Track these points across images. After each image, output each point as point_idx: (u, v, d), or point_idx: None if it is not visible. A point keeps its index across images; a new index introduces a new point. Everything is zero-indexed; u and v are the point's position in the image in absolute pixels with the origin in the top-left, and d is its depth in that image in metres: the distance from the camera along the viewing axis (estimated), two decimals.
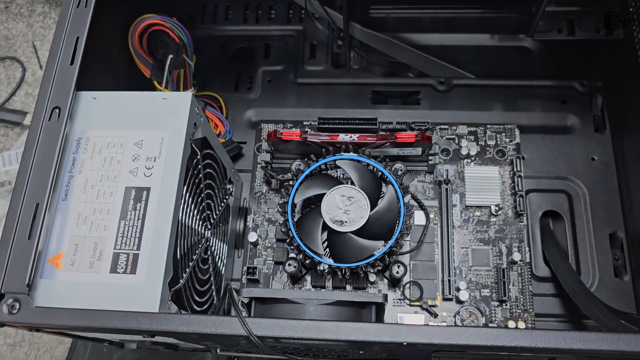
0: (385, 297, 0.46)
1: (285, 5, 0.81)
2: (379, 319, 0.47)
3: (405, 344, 0.41)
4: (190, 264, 0.54)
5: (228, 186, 0.67)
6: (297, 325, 0.42)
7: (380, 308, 0.47)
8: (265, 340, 0.43)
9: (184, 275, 0.52)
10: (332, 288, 0.66)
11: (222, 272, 0.65)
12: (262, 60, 0.80)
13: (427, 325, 0.40)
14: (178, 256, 0.51)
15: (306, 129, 0.73)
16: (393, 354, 0.54)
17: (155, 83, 0.70)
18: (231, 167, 0.68)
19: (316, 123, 0.70)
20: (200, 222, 0.58)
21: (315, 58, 0.79)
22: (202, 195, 0.57)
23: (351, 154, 0.65)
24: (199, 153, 0.55)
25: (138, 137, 0.52)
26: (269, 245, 0.69)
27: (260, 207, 0.71)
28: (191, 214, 0.54)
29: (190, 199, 0.54)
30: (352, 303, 0.46)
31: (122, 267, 0.47)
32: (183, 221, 0.52)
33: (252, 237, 0.69)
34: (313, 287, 0.67)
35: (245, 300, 0.48)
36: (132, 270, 0.47)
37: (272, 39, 0.81)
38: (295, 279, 0.67)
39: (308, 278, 0.67)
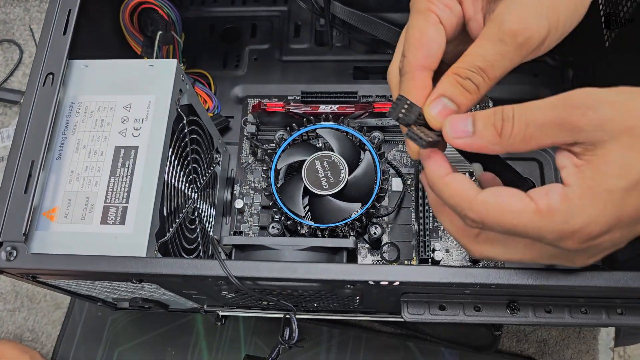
0: (356, 242, 0.49)
1: None
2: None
3: (371, 282, 0.45)
4: (177, 220, 0.58)
5: (215, 155, 0.71)
6: (272, 267, 0.46)
7: (351, 254, 0.50)
8: (244, 282, 0.47)
9: (171, 230, 0.56)
10: None
11: (210, 233, 0.69)
12: (249, 40, 0.83)
13: (401, 265, 0.44)
14: (165, 213, 0.54)
15: (289, 102, 0.76)
16: (367, 301, 0.58)
17: (146, 59, 0.73)
18: (218, 137, 0.71)
19: (300, 97, 0.74)
20: (187, 185, 0.61)
21: (299, 37, 0.83)
22: (189, 158, 0.61)
23: (331, 122, 0.68)
24: (184, 118, 0.59)
25: (127, 101, 0.55)
26: (255, 212, 0.73)
27: (247, 177, 0.75)
28: (177, 175, 0.58)
29: (176, 161, 0.57)
30: (324, 249, 0.50)
31: (112, 219, 0.51)
32: (169, 181, 0.56)
33: (238, 203, 0.72)
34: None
35: (228, 250, 0.52)
36: (122, 222, 0.51)
37: (258, 19, 0.84)
38: None
39: None
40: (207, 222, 0.68)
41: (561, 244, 0.34)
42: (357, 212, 0.65)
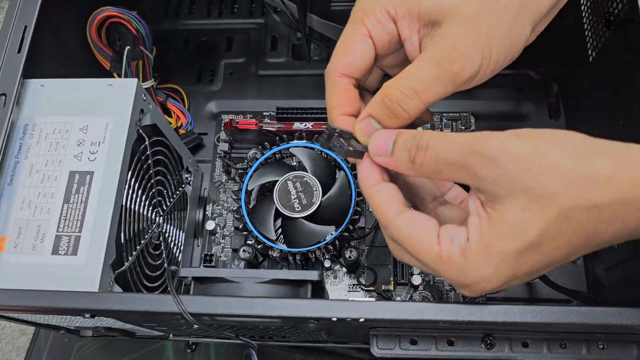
0: (321, 275, 0.47)
1: None
2: (317, 297, 0.48)
3: (334, 319, 0.42)
4: (138, 247, 0.55)
5: (186, 175, 0.68)
6: (230, 302, 0.43)
7: (317, 286, 0.48)
8: (200, 318, 0.44)
9: (130, 258, 0.53)
10: None
11: (179, 259, 0.66)
12: (225, 53, 0.81)
13: (356, 300, 0.41)
14: (122, 240, 0.52)
15: (263, 119, 0.74)
16: (335, 334, 0.55)
17: (115, 75, 0.71)
18: (189, 156, 0.69)
19: (275, 114, 0.71)
20: (151, 208, 0.58)
21: (276, 50, 0.80)
22: (152, 181, 0.58)
23: (304, 141, 0.66)
24: (146, 139, 0.56)
25: (83, 122, 0.53)
26: (227, 233, 0.70)
27: (220, 197, 0.72)
28: (138, 199, 0.55)
29: (137, 184, 0.55)
30: (288, 281, 0.47)
31: (64, 249, 0.48)
32: (128, 206, 0.53)
33: (209, 225, 0.70)
34: None
35: (189, 282, 0.49)
36: (74, 252, 0.48)
37: (234, 32, 0.82)
38: (252, 266, 0.67)
39: (266, 265, 0.68)
40: (175, 247, 0.65)
41: (458, 288, 0.36)
42: (331, 234, 0.62)
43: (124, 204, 0.52)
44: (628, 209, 0.31)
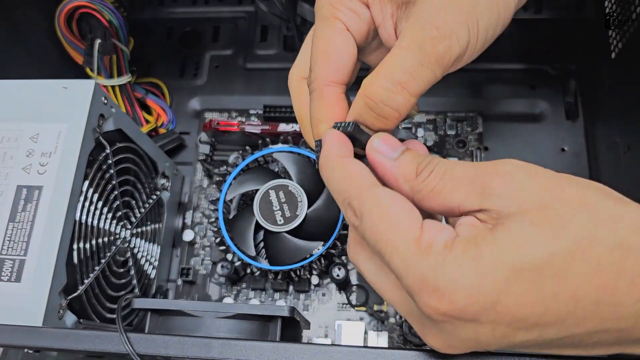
0: (292, 309, 0.41)
1: None
2: (290, 334, 0.42)
3: None
4: (97, 268, 0.49)
5: (162, 181, 0.62)
6: (183, 343, 0.37)
7: (289, 322, 0.42)
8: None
9: (86, 281, 0.48)
10: (272, 291, 0.61)
11: (152, 275, 0.60)
12: (211, 44, 0.74)
13: (327, 345, 0.35)
14: (75, 260, 0.46)
15: (247, 119, 0.68)
16: None
17: (88, 70, 0.65)
18: (165, 160, 0.63)
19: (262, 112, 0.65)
20: (115, 222, 0.53)
21: (266, 41, 0.73)
22: (116, 192, 0.52)
23: (286, 145, 0.59)
24: (107, 147, 0.50)
25: (34, 130, 0.47)
26: (208, 244, 0.64)
27: (201, 203, 0.67)
28: (98, 212, 0.50)
29: (97, 196, 0.49)
30: (255, 317, 0.41)
31: (7, 275, 0.43)
32: (86, 221, 0.47)
33: (187, 235, 0.64)
34: (252, 289, 0.62)
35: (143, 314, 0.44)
36: (17, 278, 0.43)
37: (221, 21, 0.75)
38: (234, 281, 0.62)
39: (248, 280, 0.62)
40: (147, 263, 0.59)
41: (417, 297, 0.27)
42: (318, 250, 0.56)
43: (78, 219, 0.46)
44: None
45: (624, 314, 0.25)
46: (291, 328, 0.43)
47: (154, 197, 0.60)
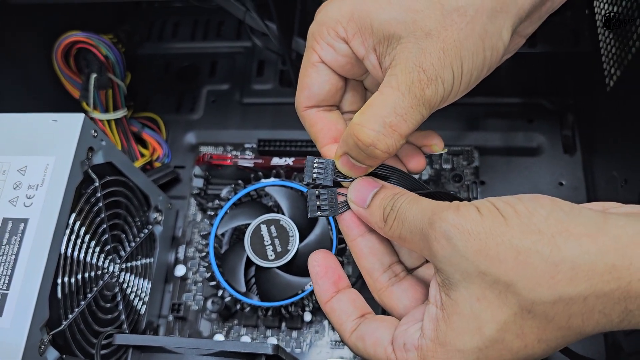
0: (277, 347, 0.40)
1: (235, 20, 0.76)
2: None
3: None
4: (82, 303, 0.48)
5: (155, 215, 0.62)
6: None
7: None
8: None
9: (70, 316, 0.47)
10: (264, 327, 0.60)
11: (142, 310, 0.59)
12: (208, 79, 0.75)
13: None
14: (59, 295, 0.45)
15: (241, 153, 0.68)
16: None
17: (84, 104, 0.65)
18: (159, 194, 0.62)
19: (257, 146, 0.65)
20: (103, 256, 0.52)
21: (262, 76, 0.74)
22: (104, 226, 0.52)
23: (277, 179, 0.59)
24: (96, 180, 0.50)
25: (22, 163, 0.47)
26: (199, 279, 0.63)
27: (194, 238, 0.66)
28: (85, 246, 0.49)
29: (85, 230, 0.49)
30: (237, 354, 0.40)
31: None
32: (72, 255, 0.47)
33: (179, 270, 0.63)
34: (244, 326, 0.61)
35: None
36: None
37: (219, 56, 0.76)
38: (225, 317, 0.61)
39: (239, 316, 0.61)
40: (137, 298, 0.58)
41: None
42: (309, 286, 0.55)
43: (63, 253, 0.46)
44: (606, 302, 0.25)
45: (589, 333, 0.27)
46: None
47: (146, 231, 0.59)
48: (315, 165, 0.36)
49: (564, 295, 0.25)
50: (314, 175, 0.36)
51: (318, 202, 0.36)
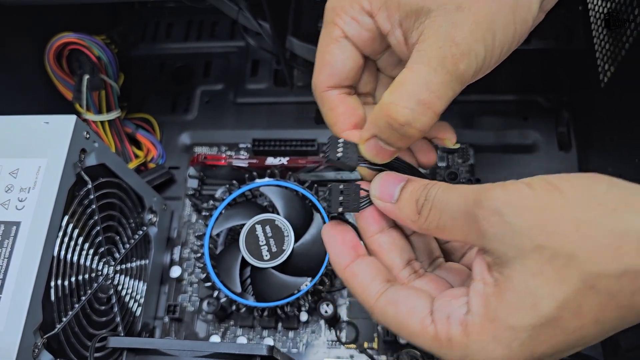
0: (272, 348, 0.39)
1: (229, 20, 0.76)
2: None
3: None
4: (76, 306, 0.48)
5: (149, 216, 0.61)
6: None
7: None
8: None
9: (64, 319, 0.46)
10: (260, 328, 0.60)
11: (138, 312, 0.59)
12: (202, 79, 0.74)
13: None
14: (53, 298, 0.45)
15: (236, 153, 0.67)
16: None
17: (77, 106, 0.65)
18: (153, 195, 0.62)
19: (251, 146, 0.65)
20: (97, 258, 0.52)
21: (257, 76, 0.74)
22: (98, 228, 0.52)
23: (272, 179, 0.59)
24: (89, 182, 0.49)
25: (14, 165, 0.47)
26: (195, 280, 0.63)
27: (189, 239, 0.66)
28: (79, 248, 0.49)
29: (78, 232, 0.48)
30: (232, 356, 0.40)
31: None
32: (65, 258, 0.47)
33: (175, 272, 0.63)
34: (240, 327, 0.60)
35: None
36: None
37: (213, 56, 0.75)
38: (221, 318, 0.60)
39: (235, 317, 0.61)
40: (132, 300, 0.58)
41: None
42: (306, 285, 0.55)
43: (56, 255, 0.45)
44: None
45: None
46: None
47: (140, 232, 0.59)
48: (340, 144, 0.33)
49: (631, 267, 0.24)
50: (339, 155, 0.33)
51: (341, 198, 0.33)
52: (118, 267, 0.56)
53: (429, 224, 0.30)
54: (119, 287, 0.56)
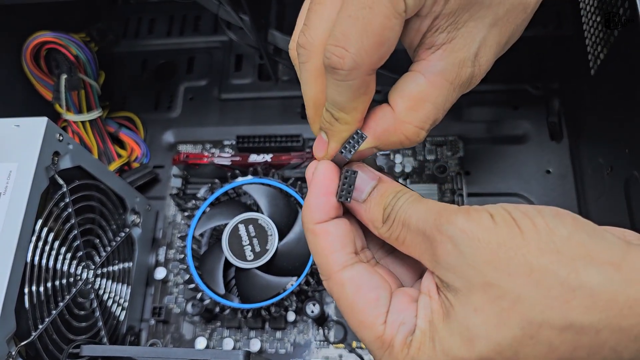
0: (248, 354, 0.38)
1: (211, 15, 0.74)
2: None
3: None
4: (53, 312, 0.47)
5: (132, 217, 0.60)
6: None
7: None
8: None
9: (40, 326, 0.45)
10: (247, 329, 0.59)
11: (122, 316, 0.58)
12: (185, 76, 0.73)
13: None
14: (27, 305, 0.44)
15: (220, 150, 0.66)
16: None
17: (57, 106, 0.64)
18: (135, 196, 0.61)
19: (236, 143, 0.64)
20: (75, 263, 0.51)
21: (241, 70, 0.72)
22: (75, 232, 0.50)
23: (253, 177, 0.57)
24: (64, 185, 0.48)
25: None
26: (180, 281, 0.62)
27: (174, 239, 0.64)
28: (55, 253, 0.48)
29: (53, 236, 0.47)
30: None
31: None
32: (39, 263, 0.45)
33: (159, 273, 0.62)
34: (227, 328, 0.59)
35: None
36: None
37: (196, 52, 0.74)
38: (208, 319, 0.59)
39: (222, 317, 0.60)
40: (115, 304, 0.57)
41: None
42: (291, 285, 0.54)
43: (29, 261, 0.44)
44: (621, 338, 0.22)
45: None
46: None
47: (122, 234, 0.58)
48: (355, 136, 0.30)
49: (576, 322, 0.23)
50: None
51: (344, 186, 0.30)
52: (99, 271, 0.54)
53: (390, 234, 0.29)
54: (101, 291, 0.55)
